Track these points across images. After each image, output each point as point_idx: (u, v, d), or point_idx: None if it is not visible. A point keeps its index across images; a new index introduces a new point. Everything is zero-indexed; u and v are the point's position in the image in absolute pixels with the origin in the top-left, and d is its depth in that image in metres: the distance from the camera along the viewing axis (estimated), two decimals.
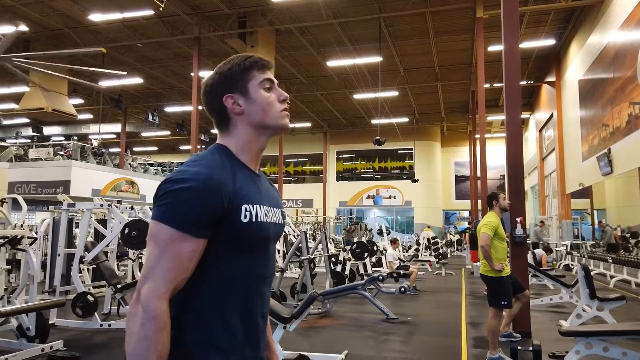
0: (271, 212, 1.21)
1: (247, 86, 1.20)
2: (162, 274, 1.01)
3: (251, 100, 1.19)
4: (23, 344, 4.80)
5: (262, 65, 1.23)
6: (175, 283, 1.02)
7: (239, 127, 1.20)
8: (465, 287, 10.38)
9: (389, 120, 23.94)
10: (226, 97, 1.19)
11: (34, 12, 13.90)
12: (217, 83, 1.21)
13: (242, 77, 1.20)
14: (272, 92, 1.23)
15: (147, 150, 33.27)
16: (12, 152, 19.94)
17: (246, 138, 1.20)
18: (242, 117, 1.20)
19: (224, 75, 1.21)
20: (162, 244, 1.02)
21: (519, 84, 6.37)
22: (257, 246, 1.16)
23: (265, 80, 1.22)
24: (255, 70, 1.21)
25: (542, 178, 20.83)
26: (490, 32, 14.18)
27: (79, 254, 6.36)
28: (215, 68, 1.24)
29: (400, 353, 5.07)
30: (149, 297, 0.99)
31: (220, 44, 15.60)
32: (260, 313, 1.18)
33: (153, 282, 1.00)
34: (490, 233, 4.68)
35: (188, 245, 1.02)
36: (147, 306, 0.98)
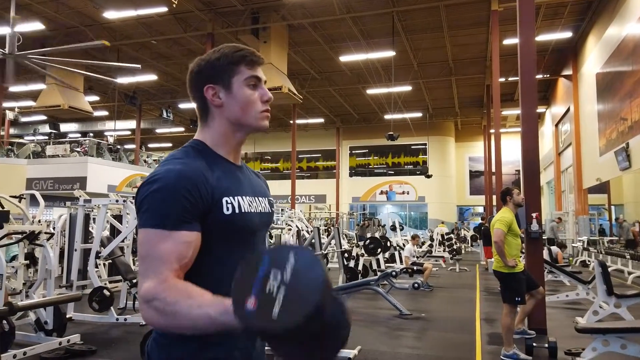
0: (255, 201, 1.20)
1: (231, 80, 1.16)
2: (156, 265, 0.99)
3: (232, 96, 1.16)
4: (41, 337, 4.89)
5: (251, 61, 1.19)
6: (174, 267, 1.00)
7: (217, 119, 1.18)
8: (479, 283, 10.30)
9: (402, 115, 23.79)
10: (207, 87, 1.17)
11: (49, 9, 14.07)
12: (202, 70, 1.18)
13: (228, 69, 1.17)
14: (257, 91, 1.19)
15: (161, 147, 33.55)
16: (30, 148, 20.28)
17: (223, 131, 1.18)
18: (220, 110, 1.17)
19: (210, 64, 1.17)
20: (149, 245, 1.01)
21: (535, 78, 6.27)
22: (244, 236, 1.15)
23: (251, 77, 1.18)
24: (243, 65, 1.17)
25: (558, 173, 20.54)
26: (505, 25, 13.98)
27: (95, 249, 6.44)
28: (206, 54, 1.21)
29: (414, 349, 5.05)
30: (148, 292, 0.97)
31: (233, 40, 15.63)
32: None
33: (150, 277, 0.99)
34: (504, 229, 4.63)
35: (176, 239, 1.01)
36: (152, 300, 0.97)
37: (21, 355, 4.34)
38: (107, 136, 26.10)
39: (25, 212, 7.60)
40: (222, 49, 1.19)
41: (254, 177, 1.29)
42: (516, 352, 4.57)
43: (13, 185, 15.77)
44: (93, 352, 4.73)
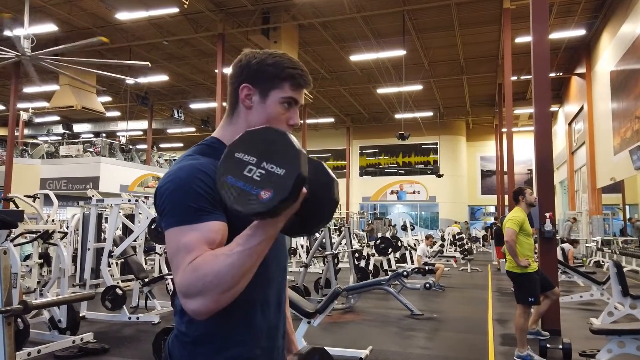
0: None
1: (270, 91, 1.14)
2: (184, 257, 0.97)
3: (263, 106, 1.14)
4: (55, 335, 4.94)
5: (298, 84, 1.16)
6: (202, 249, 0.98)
7: (241, 118, 1.17)
8: (491, 283, 10.22)
9: (412, 114, 23.69)
10: (244, 86, 1.14)
11: (63, 11, 14.23)
12: (248, 66, 1.15)
13: (273, 80, 1.14)
14: (287, 112, 1.16)
15: (173, 147, 33.78)
16: (43, 149, 20.54)
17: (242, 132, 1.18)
18: (246, 112, 1.16)
19: (259, 66, 1.14)
20: (176, 242, 1.00)
21: (548, 76, 6.20)
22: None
23: (289, 98, 1.15)
24: (288, 84, 1.14)
25: (572, 172, 20.31)
26: (517, 23, 13.85)
27: (108, 249, 6.50)
28: (263, 52, 1.17)
29: (426, 349, 5.02)
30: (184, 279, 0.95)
31: (243, 40, 15.68)
32: (277, 301, 1.18)
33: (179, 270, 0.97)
34: (515, 228, 4.59)
35: (200, 230, 0.99)
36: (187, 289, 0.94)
37: (35, 353, 4.39)
38: (119, 136, 26.34)
39: (39, 212, 7.70)
40: (278, 57, 1.15)
41: None
42: (530, 353, 4.52)
43: (27, 185, 15.99)
44: (106, 350, 4.77)
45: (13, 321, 2.90)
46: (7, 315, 2.81)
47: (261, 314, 1.12)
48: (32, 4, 11.96)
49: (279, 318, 1.19)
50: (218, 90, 15.00)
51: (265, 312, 1.13)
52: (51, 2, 13.64)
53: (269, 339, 1.15)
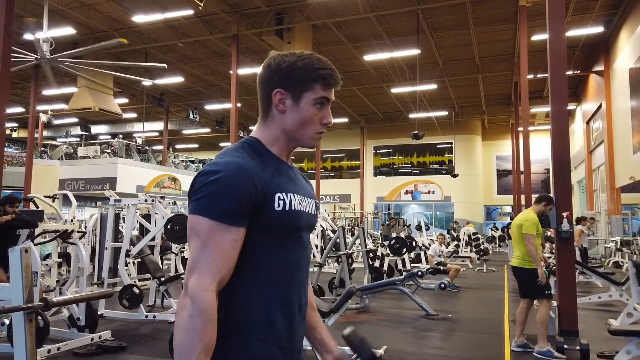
0: (305, 201, 1.20)
1: (302, 94, 1.16)
2: (207, 265, 1.02)
3: (297, 109, 1.17)
4: (74, 333, 5.03)
5: (329, 84, 1.18)
6: (221, 274, 1.03)
7: (275, 122, 1.19)
8: (507, 284, 10.12)
9: (427, 114, 23.55)
10: (276, 91, 1.17)
11: (81, 14, 14.47)
12: (279, 71, 1.17)
13: (304, 83, 1.16)
14: (321, 112, 1.19)
15: (188, 148, 34.09)
16: (62, 150, 20.91)
17: (278, 135, 1.20)
18: (280, 116, 1.18)
19: (289, 70, 1.16)
20: (203, 237, 1.03)
21: (565, 74, 6.12)
22: (292, 235, 1.16)
23: (321, 98, 1.18)
24: (319, 85, 1.17)
25: (590, 172, 19.99)
26: (533, 20, 13.68)
27: (125, 248, 6.59)
28: (291, 54, 1.19)
29: (441, 349, 4.99)
30: (196, 290, 1.00)
31: (257, 41, 15.76)
32: (298, 303, 1.19)
33: (199, 274, 1.01)
34: (533, 232, 4.61)
35: (229, 235, 1.04)
36: (195, 298, 0.99)
37: (55, 350, 4.48)
38: (135, 137, 26.67)
39: (59, 212, 7.85)
40: (307, 59, 1.17)
41: (302, 179, 1.31)
42: (550, 349, 4.51)
43: (46, 186, 16.28)
44: (123, 348, 4.84)
45: (34, 318, 2.97)
46: (28, 312, 2.88)
47: (281, 314, 1.13)
48: (50, 7, 12.16)
49: (299, 321, 1.20)
50: (232, 91, 15.09)
51: (285, 313, 1.14)
52: (69, 5, 13.87)
53: (289, 340, 1.15)
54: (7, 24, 8.60)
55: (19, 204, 5.74)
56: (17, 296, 2.90)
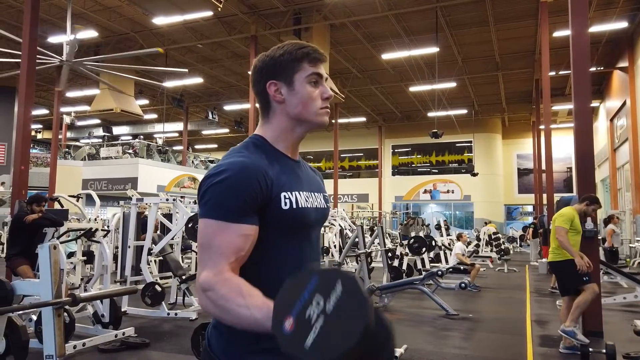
0: (312, 197, 1.21)
1: (293, 77, 1.18)
2: (215, 258, 1.03)
3: (294, 92, 1.18)
4: (98, 329, 5.14)
5: (315, 59, 1.20)
6: (230, 260, 1.04)
7: (278, 115, 1.21)
8: (529, 284, 9.98)
9: (446, 112, 23.34)
10: (270, 83, 1.19)
11: (102, 17, 14.73)
12: (265, 66, 1.20)
13: (291, 66, 1.18)
14: (318, 88, 1.20)
15: (207, 148, 34.43)
16: (85, 151, 21.32)
17: (283, 127, 1.21)
18: (281, 106, 1.20)
19: (274, 60, 1.19)
20: (210, 235, 1.05)
21: (589, 71, 6.01)
22: (301, 232, 1.18)
23: (313, 74, 1.19)
24: (306, 62, 1.18)
25: (614, 170, 19.56)
26: (555, 16, 13.45)
27: (147, 247, 6.70)
28: (271, 49, 1.22)
29: (461, 349, 4.96)
30: (206, 281, 1.02)
31: (276, 41, 15.77)
32: None
33: (207, 269, 1.03)
34: (565, 226, 4.64)
35: (236, 231, 1.05)
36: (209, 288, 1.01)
37: (80, 346, 4.58)
38: (156, 138, 27.04)
39: (83, 211, 8.01)
40: (286, 46, 1.21)
41: (310, 173, 1.32)
42: (575, 330, 4.52)
43: (70, 186, 16.63)
44: (147, 344, 4.92)
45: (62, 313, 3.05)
46: (57, 307, 2.95)
47: None
48: (73, 11, 12.42)
49: None
50: (251, 91, 15.18)
51: None
52: (92, 9, 14.14)
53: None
54: (32, 29, 8.82)
55: (45, 203, 5.88)
56: (46, 292, 2.98)
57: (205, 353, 1.15)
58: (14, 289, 3.14)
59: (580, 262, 4.55)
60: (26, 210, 5.68)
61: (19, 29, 13.30)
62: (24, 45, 8.72)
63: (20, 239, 5.59)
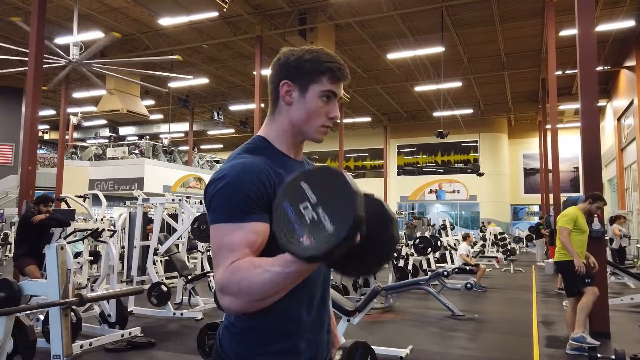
0: None
1: (308, 86, 1.17)
2: (224, 256, 1.03)
3: (303, 101, 1.17)
4: (105, 329, 5.17)
5: (336, 77, 1.18)
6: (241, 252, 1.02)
7: (283, 115, 1.20)
8: (536, 284, 9.93)
9: (451, 112, 23.27)
10: (284, 82, 1.18)
11: (109, 19, 14.80)
12: (287, 63, 1.19)
13: (311, 75, 1.16)
14: (327, 105, 1.19)
15: (213, 148, 34.52)
16: (91, 151, 21.45)
17: (285, 129, 1.20)
18: (287, 108, 1.19)
19: (297, 62, 1.18)
20: (220, 237, 1.05)
21: (595, 70, 5.97)
22: None
23: (328, 91, 1.17)
24: (327, 77, 1.17)
25: (621, 170, 19.42)
26: (561, 15, 13.39)
27: (153, 247, 6.73)
28: (300, 48, 1.21)
29: (467, 350, 4.94)
30: (222, 276, 1.01)
31: (281, 41, 15.84)
32: (321, 296, 1.20)
33: (222, 265, 1.02)
34: (567, 226, 4.67)
35: (245, 229, 1.04)
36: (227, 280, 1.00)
37: (87, 345, 4.61)
38: (162, 138, 27.15)
39: (89, 211, 8.06)
40: (315, 53, 1.19)
41: None
42: (584, 335, 4.53)
43: (77, 186, 16.73)
44: (152, 344, 4.95)
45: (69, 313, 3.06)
46: (64, 307, 2.97)
47: (306, 308, 1.14)
48: (80, 12, 12.50)
49: (323, 312, 1.21)
50: (256, 91, 15.22)
51: (310, 306, 1.15)
52: (98, 10, 14.22)
53: (314, 332, 1.17)
54: (39, 31, 8.88)
55: (52, 203, 5.91)
56: (53, 292, 3.00)
57: (217, 354, 1.16)
58: (22, 289, 3.16)
59: (579, 263, 4.58)
60: (33, 211, 5.72)
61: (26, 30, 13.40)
62: (31, 46, 8.78)
63: (28, 239, 5.63)
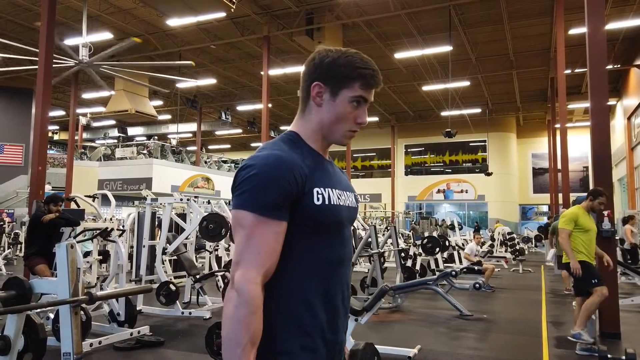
0: (344, 195, 1.22)
1: (340, 90, 1.17)
2: (251, 258, 1.05)
3: (334, 104, 1.18)
4: (114, 328, 5.20)
5: (369, 85, 1.18)
6: (265, 267, 1.06)
7: (313, 115, 1.21)
8: (545, 284, 9.86)
9: (459, 111, 23.18)
10: (315, 84, 1.18)
11: (117, 20, 14.91)
12: (322, 65, 1.18)
13: (344, 79, 1.17)
14: (356, 110, 1.19)
15: (221, 148, 34.65)
16: (100, 152, 21.61)
17: (315, 128, 1.21)
18: (317, 109, 1.20)
19: (330, 65, 1.18)
20: (247, 230, 1.06)
21: (605, 69, 5.92)
22: (332, 229, 1.17)
23: (359, 97, 1.18)
24: (359, 83, 1.17)
25: (632, 169, 19.23)
26: (570, 14, 13.28)
27: (162, 246, 6.76)
28: (336, 50, 1.20)
29: (476, 350, 4.92)
30: (241, 282, 1.03)
31: (288, 41, 15.87)
32: (341, 297, 1.20)
33: (244, 267, 1.05)
34: (567, 227, 4.67)
35: (271, 228, 1.06)
36: (241, 290, 1.03)
37: (97, 344, 4.65)
38: (170, 139, 27.28)
39: (98, 211, 8.12)
40: (350, 57, 1.18)
41: (340, 172, 1.33)
42: (581, 332, 4.56)
43: (86, 186, 16.87)
44: (161, 343, 4.97)
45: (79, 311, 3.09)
46: (74, 305, 3.00)
47: (323, 307, 1.14)
48: (89, 13, 12.60)
49: (342, 313, 1.21)
50: (264, 92, 15.24)
51: (328, 305, 1.15)
52: (107, 11, 14.32)
53: (332, 332, 1.17)
54: (49, 32, 8.96)
55: (61, 203, 5.96)
56: (63, 290, 3.03)
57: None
58: (32, 287, 3.18)
59: (575, 265, 4.58)
60: (43, 210, 5.77)
61: (35, 31, 13.53)
62: (41, 46, 8.86)
63: (38, 238, 5.68)
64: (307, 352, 1.11)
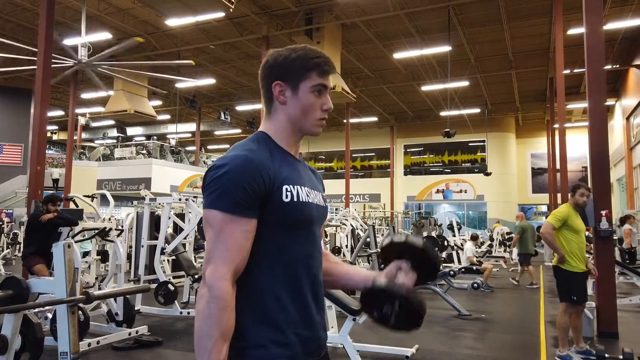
0: (312, 193, 1.24)
1: (300, 83, 1.22)
2: (221, 256, 1.08)
3: (296, 98, 1.22)
4: (112, 327, 5.20)
5: (324, 71, 1.23)
6: (235, 263, 1.08)
7: (279, 114, 1.25)
8: (543, 284, 9.87)
9: (459, 111, 23.18)
10: (276, 84, 1.23)
11: (116, 20, 14.89)
12: (276, 65, 1.24)
13: (300, 73, 1.22)
14: (320, 98, 1.24)
15: (220, 148, 34.63)
16: (100, 152, 21.61)
17: (284, 126, 1.24)
18: (283, 107, 1.24)
19: (285, 62, 1.23)
20: (217, 228, 1.09)
21: (604, 69, 5.93)
22: (301, 226, 1.19)
23: (319, 85, 1.23)
24: (315, 73, 1.22)
25: (630, 169, 19.25)
26: (569, 14, 13.29)
27: (161, 246, 6.76)
28: (285, 49, 1.25)
29: (474, 350, 4.92)
30: (212, 279, 1.06)
31: (287, 41, 15.85)
32: (312, 293, 1.21)
33: (214, 264, 1.07)
34: (554, 222, 4.43)
35: (240, 226, 1.09)
36: (211, 287, 1.05)
37: (95, 344, 4.65)
38: (169, 139, 27.27)
39: (97, 211, 8.11)
40: (300, 51, 1.24)
41: (310, 173, 1.35)
42: (570, 353, 4.42)
43: (85, 186, 16.85)
44: (159, 343, 4.98)
45: (76, 311, 3.09)
46: (71, 305, 3.00)
47: (294, 303, 1.16)
48: (88, 13, 12.58)
49: (314, 309, 1.21)
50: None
51: (299, 302, 1.17)
52: (106, 11, 14.31)
53: (305, 328, 1.18)
54: (48, 32, 8.96)
55: (60, 203, 5.96)
56: (60, 289, 3.03)
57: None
58: (30, 287, 3.19)
59: (562, 257, 4.34)
60: (42, 210, 5.77)
61: (34, 31, 13.54)
62: (39, 47, 8.86)
63: (36, 238, 5.68)
64: (278, 346, 1.12)
